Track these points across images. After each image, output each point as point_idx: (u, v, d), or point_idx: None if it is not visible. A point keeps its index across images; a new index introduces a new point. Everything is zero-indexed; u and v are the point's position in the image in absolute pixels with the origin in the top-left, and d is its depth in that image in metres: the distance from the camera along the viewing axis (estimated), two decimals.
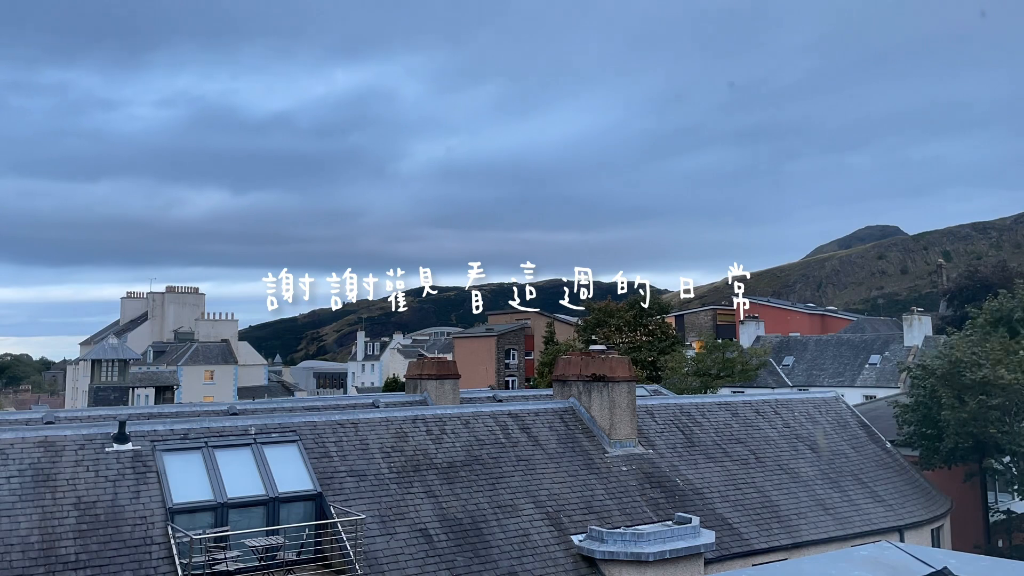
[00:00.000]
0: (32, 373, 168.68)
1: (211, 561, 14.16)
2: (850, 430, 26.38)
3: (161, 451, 16.20)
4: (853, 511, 21.87)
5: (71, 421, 20.58)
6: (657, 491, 19.97)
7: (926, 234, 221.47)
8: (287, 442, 17.45)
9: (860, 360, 59.84)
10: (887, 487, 23.74)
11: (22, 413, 27.57)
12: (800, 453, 23.85)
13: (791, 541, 19.75)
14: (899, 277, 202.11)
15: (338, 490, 16.80)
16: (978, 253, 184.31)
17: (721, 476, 21.42)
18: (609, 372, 21.64)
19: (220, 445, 16.67)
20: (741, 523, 19.79)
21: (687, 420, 23.56)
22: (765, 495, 21.22)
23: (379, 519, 16.34)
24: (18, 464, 15.06)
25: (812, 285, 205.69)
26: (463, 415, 20.46)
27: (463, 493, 17.81)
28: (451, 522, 16.88)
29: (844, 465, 24.01)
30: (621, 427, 21.24)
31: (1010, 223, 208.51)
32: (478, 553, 16.29)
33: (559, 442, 20.55)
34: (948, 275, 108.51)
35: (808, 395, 29.48)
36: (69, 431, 16.21)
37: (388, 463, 18.01)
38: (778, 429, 24.75)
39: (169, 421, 17.40)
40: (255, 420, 18.38)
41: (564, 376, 23.03)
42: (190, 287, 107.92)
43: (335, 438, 18.20)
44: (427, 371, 27.16)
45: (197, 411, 22.91)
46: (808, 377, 60.10)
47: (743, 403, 25.90)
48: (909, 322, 59.22)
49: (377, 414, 19.93)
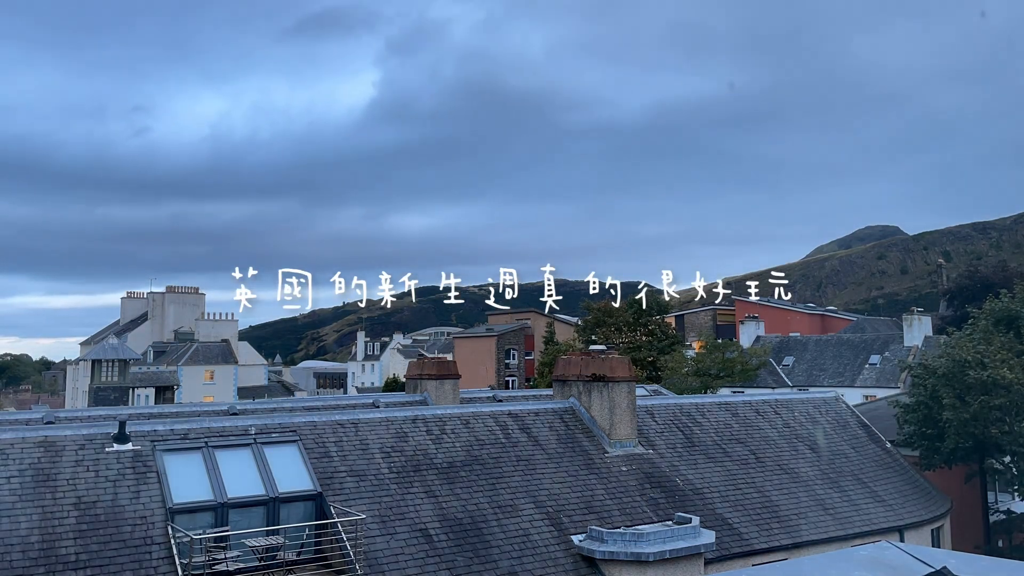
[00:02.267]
0: (32, 373, 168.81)
1: (211, 561, 14.16)
2: (850, 430, 26.38)
3: (161, 451, 16.20)
4: (853, 511, 21.87)
5: (71, 421, 20.55)
6: (657, 491, 19.97)
7: (926, 234, 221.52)
8: (287, 442, 17.44)
9: (860, 360, 59.81)
10: (887, 487, 23.73)
11: (22, 413, 27.56)
12: (800, 453, 23.85)
13: (791, 541, 19.75)
14: (899, 277, 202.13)
15: (338, 490, 16.80)
16: (978, 253, 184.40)
17: (721, 476, 21.41)
18: (609, 372, 21.63)
19: (220, 445, 16.66)
20: (741, 523, 19.78)
21: (687, 420, 23.56)
22: (765, 495, 21.22)
23: (379, 519, 16.34)
24: (18, 464, 15.06)
25: (812, 285, 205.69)
26: (463, 415, 20.45)
27: (463, 493, 17.81)
28: (451, 522, 16.87)
29: (844, 465, 24.01)
30: (621, 427, 21.23)
31: (1010, 223, 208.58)
32: (478, 553, 16.28)
33: (559, 442, 20.54)
34: (948, 275, 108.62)
35: (808, 395, 29.48)
36: (69, 431, 16.21)
37: (388, 463, 18.01)
38: (778, 429, 24.74)
39: (169, 421, 17.39)
40: (255, 420, 18.38)
41: (564, 376, 23.02)
42: (190, 287, 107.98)
43: (335, 438, 18.20)
44: (427, 371, 27.14)
45: (197, 411, 22.89)
46: (808, 377, 60.07)
47: (743, 403, 25.90)
48: (909, 322, 59.18)
49: (377, 414, 19.93)
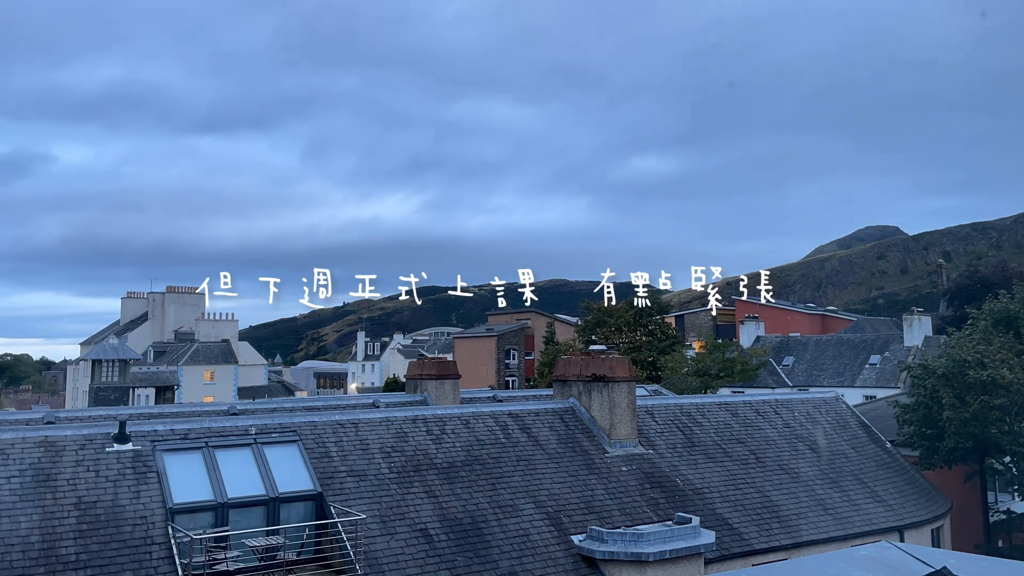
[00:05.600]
0: (32, 373, 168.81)
1: (211, 561, 14.17)
2: (850, 430, 26.38)
3: (161, 451, 16.20)
4: (853, 511, 21.87)
5: (71, 421, 20.57)
6: (657, 491, 19.97)
7: (926, 234, 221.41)
8: (287, 442, 17.44)
9: (860, 360, 59.80)
10: (887, 487, 23.74)
11: (22, 413, 27.58)
12: (800, 453, 23.85)
13: (791, 541, 19.75)
14: (899, 277, 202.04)
15: (338, 490, 16.80)
16: (978, 253, 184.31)
17: (721, 476, 21.42)
18: (609, 372, 21.64)
19: (220, 445, 16.66)
20: (741, 523, 19.79)
21: (687, 420, 23.56)
22: (765, 495, 21.22)
23: (379, 519, 16.34)
24: (19, 464, 15.07)
25: (812, 285, 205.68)
26: (463, 415, 20.45)
27: (463, 493, 17.81)
28: (451, 522, 16.88)
29: (844, 465, 24.01)
30: (621, 427, 21.24)
31: (1010, 223, 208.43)
32: (478, 553, 16.29)
33: (559, 442, 20.55)
34: (948, 275, 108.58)
35: (808, 395, 29.50)
36: (69, 431, 16.21)
37: (388, 463, 18.01)
38: (778, 429, 24.75)
39: (169, 421, 17.40)
40: (255, 420, 18.38)
41: (564, 376, 23.03)
42: (190, 287, 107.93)
43: (335, 438, 18.20)
44: (427, 371, 27.15)
45: (197, 411, 22.90)
46: (808, 377, 60.06)
47: (743, 403, 25.90)
48: (909, 322, 59.17)
49: (377, 414, 19.93)
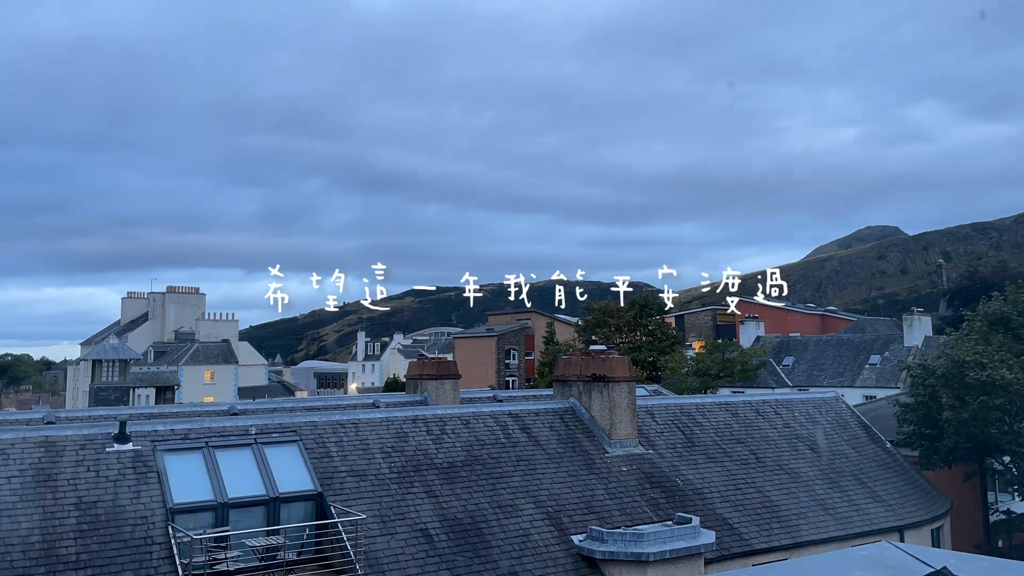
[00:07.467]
0: (33, 373, 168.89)
1: (211, 561, 14.17)
2: (850, 430, 26.39)
3: (162, 451, 16.20)
4: (853, 511, 21.87)
5: (72, 421, 20.57)
6: (657, 491, 19.97)
7: (926, 234, 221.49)
8: (288, 442, 17.45)
9: (860, 360, 59.80)
10: (887, 487, 23.74)
11: (23, 413, 27.59)
12: (800, 453, 23.85)
13: (791, 541, 19.76)
14: (899, 277, 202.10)
15: (338, 490, 16.80)
16: (978, 253, 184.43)
17: (721, 476, 21.42)
18: (609, 372, 21.64)
19: (221, 445, 16.67)
20: (741, 523, 19.79)
21: (687, 420, 23.56)
22: (765, 495, 21.22)
23: (379, 519, 16.35)
24: (19, 464, 15.07)
25: (812, 285, 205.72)
26: (463, 415, 20.46)
27: (463, 493, 17.81)
28: (451, 522, 16.88)
29: (844, 465, 24.01)
30: (621, 427, 21.24)
31: (1010, 223, 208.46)
32: (478, 553, 16.29)
33: (559, 442, 20.55)
34: (948, 275, 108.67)
35: (808, 395, 29.50)
36: (70, 431, 16.22)
37: (388, 463, 18.02)
38: (778, 429, 24.75)
39: (170, 421, 17.40)
40: (255, 420, 18.38)
41: (564, 376, 23.03)
42: (190, 287, 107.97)
43: (335, 438, 18.20)
44: (427, 371, 27.15)
45: (197, 411, 22.90)
46: (808, 377, 60.06)
47: (743, 403, 25.91)
48: (909, 322, 59.18)
49: (377, 414, 19.94)
